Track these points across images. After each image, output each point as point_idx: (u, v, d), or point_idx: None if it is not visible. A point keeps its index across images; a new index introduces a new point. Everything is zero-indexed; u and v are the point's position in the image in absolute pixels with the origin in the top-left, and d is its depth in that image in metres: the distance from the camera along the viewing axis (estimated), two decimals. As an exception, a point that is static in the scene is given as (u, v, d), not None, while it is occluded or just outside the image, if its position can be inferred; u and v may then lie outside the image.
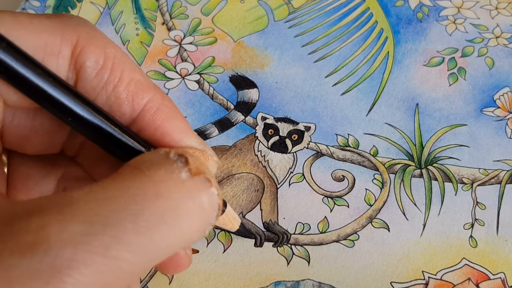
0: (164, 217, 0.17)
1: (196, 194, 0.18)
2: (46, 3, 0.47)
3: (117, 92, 0.21)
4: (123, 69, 0.21)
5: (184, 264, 0.23)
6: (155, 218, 0.17)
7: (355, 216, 0.36)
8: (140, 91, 0.21)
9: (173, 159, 0.19)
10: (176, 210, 0.18)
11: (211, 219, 0.19)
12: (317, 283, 0.33)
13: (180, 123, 0.22)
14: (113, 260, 0.16)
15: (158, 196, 0.17)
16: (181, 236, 0.18)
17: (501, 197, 0.37)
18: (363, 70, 0.43)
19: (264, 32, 0.45)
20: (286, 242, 0.35)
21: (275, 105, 0.41)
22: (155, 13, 0.46)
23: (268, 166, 0.38)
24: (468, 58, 0.44)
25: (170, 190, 0.18)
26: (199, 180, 0.19)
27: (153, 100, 0.22)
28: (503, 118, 0.41)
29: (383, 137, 0.39)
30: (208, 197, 0.19)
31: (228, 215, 0.23)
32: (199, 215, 0.18)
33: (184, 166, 0.18)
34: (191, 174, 0.18)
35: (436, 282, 0.34)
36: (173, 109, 0.22)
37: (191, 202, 0.18)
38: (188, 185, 0.18)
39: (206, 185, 0.19)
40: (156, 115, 0.21)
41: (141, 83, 0.21)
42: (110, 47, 0.21)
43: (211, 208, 0.19)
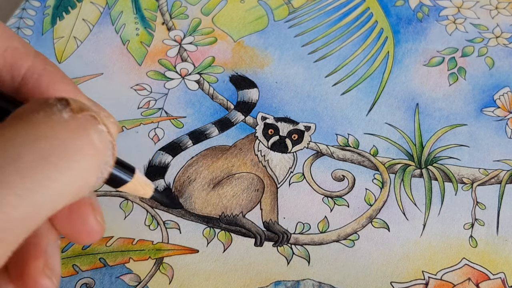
0: (48, 157, 0.16)
1: (82, 132, 0.18)
2: (46, 3, 0.47)
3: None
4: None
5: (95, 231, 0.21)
6: (38, 159, 0.16)
7: (355, 216, 0.36)
8: (18, 59, 0.21)
9: (52, 103, 0.18)
10: (62, 149, 0.17)
11: (105, 157, 0.18)
12: (317, 283, 0.33)
13: (67, 86, 0.21)
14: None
15: (39, 137, 0.17)
16: (73, 176, 0.17)
17: (501, 197, 0.37)
18: (363, 70, 0.43)
19: (264, 32, 0.45)
20: (286, 242, 0.35)
21: (275, 105, 0.41)
22: (155, 13, 0.46)
23: (268, 166, 0.38)
24: (468, 58, 0.44)
25: (52, 129, 0.17)
26: (84, 118, 0.18)
27: (34, 66, 0.21)
28: (503, 118, 0.41)
29: (383, 137, 0.39)
30: (97, 134, 0.18)
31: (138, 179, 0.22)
32: (90, 153, 0.18)
33: (65, 107, 0.18)
34: (74, 113, 0.18)
35: (436, 282, 0.34)
36: (57, 73, 0.21)
37: (78, 140, 0.17)
38: (72, 124, 0.18)
39: (92, 122, 0.18)
40: (40, 80, 0.21)
41: (19, 50, 0.21)
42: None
43: (102, 145, 0.18)
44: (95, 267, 0.34)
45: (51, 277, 0.20)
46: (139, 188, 0.22)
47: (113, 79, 0.42)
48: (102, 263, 0.34)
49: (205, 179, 0.37)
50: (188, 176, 0.37)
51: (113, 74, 0.43)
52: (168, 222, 0.36)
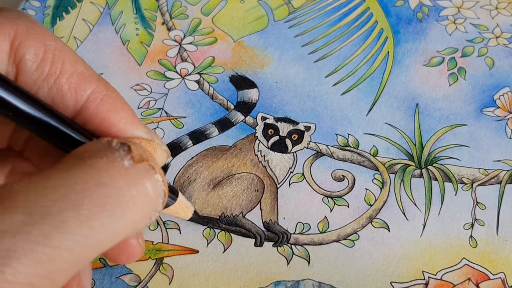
0: (105, 206, 0.17)
1: (139, 181, 0.18)
2: (46, 3, 0.47)
3: (59, 85, 0.21)
4: (64, 61, 0.21)
5: (136, 253, 0.22)
6: (97, 207, 0.17)
7: (355, 216, 0.36)
8: (82, 83, 0.21)
9: (115, 147, 0.18)
10: (119, 198, 0.17)
11: (157, 205, 0.19)
12: (317, 283, 0.33)
13: (126, 113, 0.22)
14: (54, 249, 0.16)
15: (100, 185, 0.17)
16: (125, 224, 0.18)
17: (501, 197, 0.37)
18: (363, 70, 0.43)
19: (264, 32, 0.45)
20: (286, 242, 0.35)
21: (275, 105, 0.41)
22: (155, 13, 0.46)
23: (268, 166, 0.38)
24: (468, 58, 0.44)
25: (112, 178, 0.17)
26: (143, 168, 0.18)
27: (96, 91, 0.21)
28: (503, 118, 0.41)
29: (383, 137, 0.39)
30: (152, 183, 0.19)
31: (180, 203, 0.22)
32: (143, 202, 0.18)
33: (127, 154, 0.18)
34: (134, 162, 0.18)
35: (436, 282, 0.34)
36: (118, 100, 0.22)
37: (134, 189, 0.18)
38: (131, 173, 0.18)
39: (149, 172, 0.19)
40: (100, 106, 0.21)
41: (84, 74, 0.21)
42: (50, 39, 0.21)
43: (155, 194, 0.19)
44: (95, 267, 0.34)
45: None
46: (180, 211, 0.23)
47: (113, 79, 0.42)
48: (102, 263, 0.34)
49: (205, 179, 0.37)
50: (188, 176, 0.37)
51: (113, 74, 0.43)
52: (168, 223, 0.36)
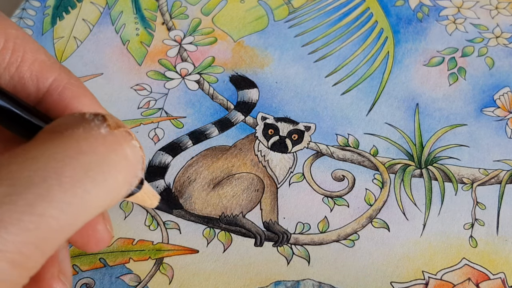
0: (87, 172, 0.17)
1: (118, 147, 0.18)
2: (46, 3, 0.47)
3: (20, 72, 0.21)
4: (25, 49, 0.21)
5: (104, 239, 0.22)
6: (79, 173, 0.17)
7: (355, 216, 0.36)
8: (44, 71, 0.21)
9: (89, 118, 0.19)
10: (100, 164, 0.18)
11: (137, 171, 0.19)
12: (317, 283, 0.33)
13: (89, 100, 0.22)
14: (40, 217, 0.16)
15: (80, 152, 0.17)
16: (108, 190, 0.18)
17: (501, 197, 0.37)
18: (363, 70, 0.43)
19: (264, 32, 0.45)
20: (286, 242, 0.35)
21: (275, 105, 0.41)
22: (155, 13, 0.46)
23: (268, 166, 0.38)
24: (468, 58, 0.44)
25: (91, 145, 0.18)
26: (120, 133, 0.19)
27: (58, 79, 0.21)
28: (503, 118, 0.41)
29: (383, 137, 0.39)
30: (131, 149, 0.19)
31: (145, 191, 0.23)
32: (124, 167, 0.18)
33: (102, 123, 0.19)
34: (111, 129, 0.19)
35: (436, 282, 0.34)
36: (80, 87, 0.22)
37: (115, 155, 0.18)
38: (109, 139, 0.18)
39: (127, 137, 0.19)
40: (63, 94, 0.21)
41: (45, 63, 0.21)
42: (10, 27, 0.21)
43: (135, 159, 0.19)
44: (95, 267, 0.34)
45: (65, 282, 0.21)
46: (146, 198, 0.23)
47: (113, 79, 0.42)
48: (102, 263, 0.34)
49: (205, 179, 0.37)
50: (188, 176, 0.37)
51: (113, 74, 0.43)
52: (168, 223, 0.36)
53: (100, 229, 0.22)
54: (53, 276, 0.21)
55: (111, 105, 0.41)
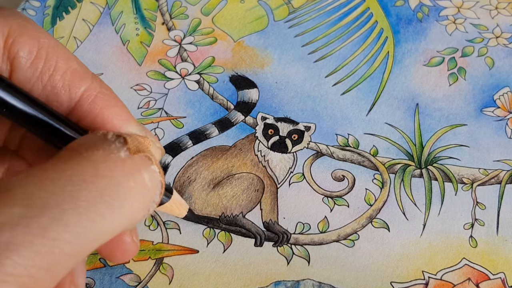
0: (103, 197, 0.17)
1: (136, 172, 0.18)
2: (46, 3, 0.47)
3: (53, 82, 0.21)
4: (58, 58, 0.21)
5: (130, 250, 0.22)
6: (95, 198, 0.17)
7: (355, 216, 0.36)
8: (77, 80, 0.21)
9: (111, 139, 0.19)
10: (116, 189, 0.17)
11: (154, 196, 0.19)
12: (317, 283, 0.33)
13: (120, 110, 0.22)
14: (53, 241, 0.16)
15: (97, 176, 0.17)
16: (123, 215, 0.18)
17: (501, 197, 0.37)
18: (363, 70, 0.43)
19: (264, 32, 0.45)
20: (286, 242, 0.35)
21: (275, 105, 0.41)
22: (155, 13, 0.46)
23: (268, 166, 0.38)
24: (468, 58, 0.44)
25: (109, 169, 0.18)
26: (139, 158, 0.19)
27: (90, 88, 0.21)
28: (503, 118, 0.41)
29: (383, 137, 0.39)
30: (149, 174, 0.19)
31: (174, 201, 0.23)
32: (141, 193, 0.18)
33: (123, 146, 0.18)
34: (130, 153, 0.18)
35: (436, 282, 0.34)
36: (112, 97, 0.22)
37: (132, 180, 0.18)
38: (128, 164, 0.18)
39: (146, 163, 0.19)
40: (95, 103, 0.21)
41: (78, 71, 0.21)
42: (43, 37, 0.21)
43: (153, 185, 0.19)
44: (95, 267, 0.34)
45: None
46: (175, 208, 0.23)
47: (113, 79, 0.42)
48: (102, 263, 0.34)
49: (205, 179, 0.37)
50: (188, 176, 0.37)
51: (113, 74, 0.43)
52: (168, 223, 0.36)
53: (126, 241, 0.22)
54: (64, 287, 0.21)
55: (111, 105, 0.41)
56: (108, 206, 0.17)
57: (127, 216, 0.18)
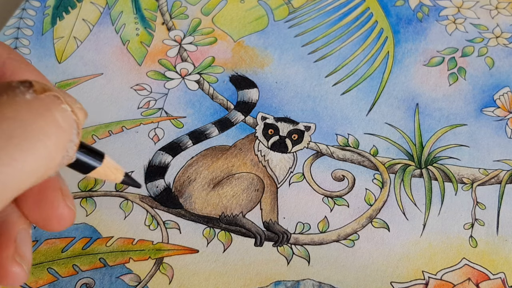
0: (11, 139, 0.17)
1: (46, 112, 0.18)
2: (46, 3, 0.47)
3: None
4: None
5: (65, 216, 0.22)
6: (2, 140, 0.17)
7: (355, 216, 0.36)
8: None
9: (15, 85, 0.18)
10: (25, 130, 0.17)
11: (70, 135, 0.19)
12: (317, 282, 0.33)
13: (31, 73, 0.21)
14: None
15: (3, 119, 0.17)
16: (37, 156, 0.17)
17: (501, 197, 0.37)
18: (363, 70, 0.43)
19: (264, 32, 0.45)
20: (286, 242, 0.35)
21: (275, 105, 0.41)
22: (155, 13, 0.46)
23: (268, 166, 0.38)
24: (468, 58, 0.44)
25: (15, 111, 0.17)
26: (47, 98, 0.18)
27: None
28: (503, 118, 0.41)
29: (383, 137, 0.39)
30: (61, 113, 0.18)
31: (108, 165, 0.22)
32: (54, 133, 0.18)
33: (28, 89, 0.18)
34: (37, 94, 0.18)
35: (436, 282, 0.34)
36: (22, 61, 0.22)
37: (42, 120, 0.18)
38: (35, 104, 0.18)
39: (55, 102, 0.18)
40: (4, 68, 0.21)
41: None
42: None
43: (67, 124, 0.18)
44: (95, 267, 0.34)
45: (22, 264, 0.20)
46: (109, 173, 0.22)
47: (113, 79, 0.42)
48: (102, 263, 0.34)
49: (205, 179, 0.37)
50: (188, 176, 0.37)
51: (113, 74, 0.43)
52: (168, 222, 0.36)
53: (59, 206, 0.21)
54: (8, 259, 0.20)
55: (111, 105, 0.41)
56: (19, 148, 0.17)
57: (42, 157, 0.18)
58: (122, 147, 0.39)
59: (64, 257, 0.34)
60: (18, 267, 0.20)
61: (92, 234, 0.35)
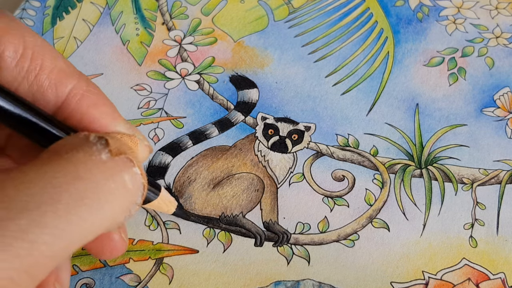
0: (83, 199, 0.17)
1: (117, 174, 0.18)
2: (46, 3, 0.47)
3: (39, 81, 0.21)
4: (44, 57, 0.21)
5: (118, 248, 0.22)
6: (74, 200, 0.17)
7: (355, 216, 0.36)
8: (63, 79, 0.21)
9: (93, 141, 0.18)
10: (97, 191, 0.17)
11: (136, 198, 0.19)
12: (317, 283, 0.33)
13: (107, 108, 0.22)
14: (32, 243, 0.16)
15: (77, 178, 0.17)
16: (104, 217, 0.18)
17: (501, 197, 0.37)
18: (363, 70, 0.43)
19: (264, 32, 0.45)
20: (286, 242, 0.35)
21: (275, 105, 0.41)
22: (155, 13, 0.46)
23: (268, 166, 0.38)
24: (468, 58, 0.44)
25: (90, 171, 0.17)
26: (120, 160, 0.18)
27: (77, 87, 0.21)
28: (503, 118, 0.41)
29: (383, 137, 0.39)
30: (130, 176, 0.19)
31: (162, 198, 0.22)
32: (121, 195, 0.18)
33: (105, 148, 0.18)
34: (112, 155, 0.18)
35: (436, 282, 0.34)
36: (99, 95, 0.22)
37: (112, 182, 0.18)
38: (108, 166, 0.18)
39: (128, 164, 0.19)
40: (81, 101, 0.21)
41: (64, 70, 0.21)
42: (29, 36, 0.21)
43: (134, 187, 0.19)
44: (95, 267, 0.34)
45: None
46: (163, 205, 0.23)
47: (113, 79, 0.42)
48: (102, 263, 0.34)
49: (205, 179, 0.37)
50: (188, 176, 0.37)
51: (113, 74, 0.43)
52: (168, 223, 0.36)
53: (115, 239, 0.22)
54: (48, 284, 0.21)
55: (111, 105, 0.41)
56: (88, 208, 0.17)
57: (108, 218, 0.18)
58: (122, 147, 0.39)
59: (64, 257, 0.34)
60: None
61: (92, 234, 0.35)
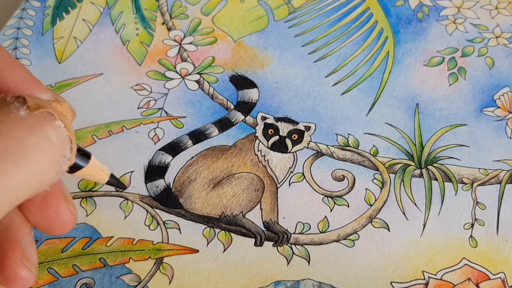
0: (6, 155, 0.17)
1: (39, 128, 0.18)
2: (46, 3, 0.47)
3: None
4: None
5: (68, 221, 0.22)
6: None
7: (355, 216, 0.36)
8: None
9: (9, 101, 0.18)
10: (20, 147, 0.17)
11: (63, 152, 0.19)
12: (317, 282, 0.33)
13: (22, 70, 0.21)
14: None
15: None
16: (31, 172, 0.18)
17: (501, 197, 0.37)
18: (363, 70, 0.43)
19: (264, 32, 0.45)
20: (286, 242, 0.35)
21: (275, 105, 0.41)
22: (155, 13, 0.46)
23: (268, 166, 0.38)
24: (468, 58, 0.44)
25: (9, 128, 0.17)
26: (40, 115, 0.18)
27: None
28: (503, 118, 0.41)
29: (383, 137, 0.39)
30: (54, 130, 0.19)
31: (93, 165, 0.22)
32: (47, 149, 0.18)
33: (22, 105, 0.18)
34: (30, 110, 0.18)
35: (436, 282, 0.34)
36: (11, 59, 0.22)
37: (36, 136, 0.18)
38: (29, 121, 0.18)
39: (49, 118, 0.19)
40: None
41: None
42: None
43: (59, 140, 0.19)
44: (95, 267, 0.34)
45: (30, 267, 0.21)
46: (95, 173, 0.23)
47: (113, 79, 0.42)
48: (102, 263, 0.34)
49: (205, 179, 0.37)
50: (188, 176, 0.37)
51: (113, 74, 0.43)
52: (168, 222, 0.36)
53: (62, 211, 0.22)
54: (16, 262, 0.21)
55: (111, 105, 0.41)
56: (14, 164, 0.17)
57: (36, 173, 0.18)
58: (122, 147, 0.39)
59: (64, 257, 0.34)
60: (27, 271, 0.21)
61: (92, 234, 0.35)
